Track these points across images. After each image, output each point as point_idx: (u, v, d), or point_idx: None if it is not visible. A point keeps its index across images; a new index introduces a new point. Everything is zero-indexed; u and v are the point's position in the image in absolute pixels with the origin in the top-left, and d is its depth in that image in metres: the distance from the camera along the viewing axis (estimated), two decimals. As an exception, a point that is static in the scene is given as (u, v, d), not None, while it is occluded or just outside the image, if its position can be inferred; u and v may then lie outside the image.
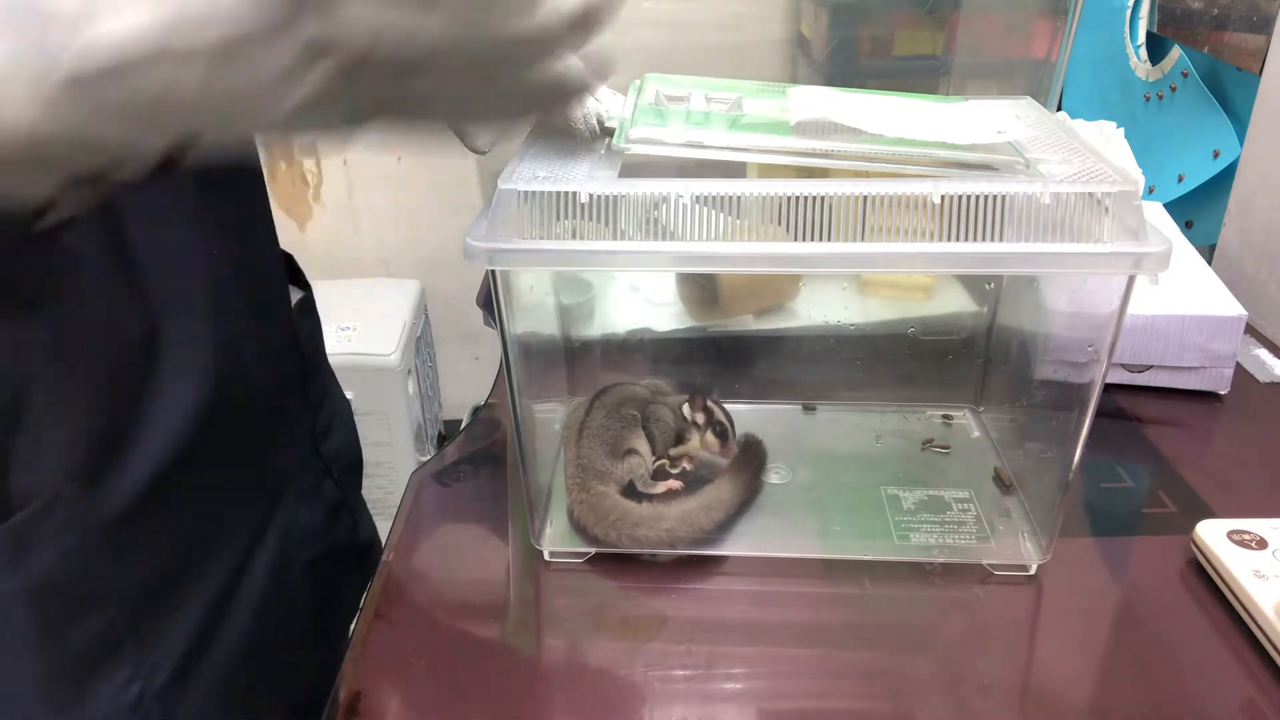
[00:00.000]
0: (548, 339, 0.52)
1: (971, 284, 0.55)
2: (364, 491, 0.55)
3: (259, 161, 0.43)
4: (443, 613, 0.42)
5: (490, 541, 0.47)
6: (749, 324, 0.58)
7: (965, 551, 0.43)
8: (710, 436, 0.47)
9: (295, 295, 0.48)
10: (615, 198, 0.35)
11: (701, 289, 0.58)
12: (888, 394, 0.54)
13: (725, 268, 0.46)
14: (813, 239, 0.34)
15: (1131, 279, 0.34)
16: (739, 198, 0.34)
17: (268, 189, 0.44)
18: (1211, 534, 0.41)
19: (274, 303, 0.45)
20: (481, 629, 0.41)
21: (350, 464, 0.53)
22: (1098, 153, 0.37)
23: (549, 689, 0.38)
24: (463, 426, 0.72)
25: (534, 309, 0.47)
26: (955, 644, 0.39)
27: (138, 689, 0.37)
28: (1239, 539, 0.41)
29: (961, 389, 0.54)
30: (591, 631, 0.41)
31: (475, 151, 0.31)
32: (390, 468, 1.22)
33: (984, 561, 0.43)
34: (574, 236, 0.35)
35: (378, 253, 1.43)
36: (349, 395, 1.47)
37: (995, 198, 0.33)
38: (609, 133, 0.38)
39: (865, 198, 0.33)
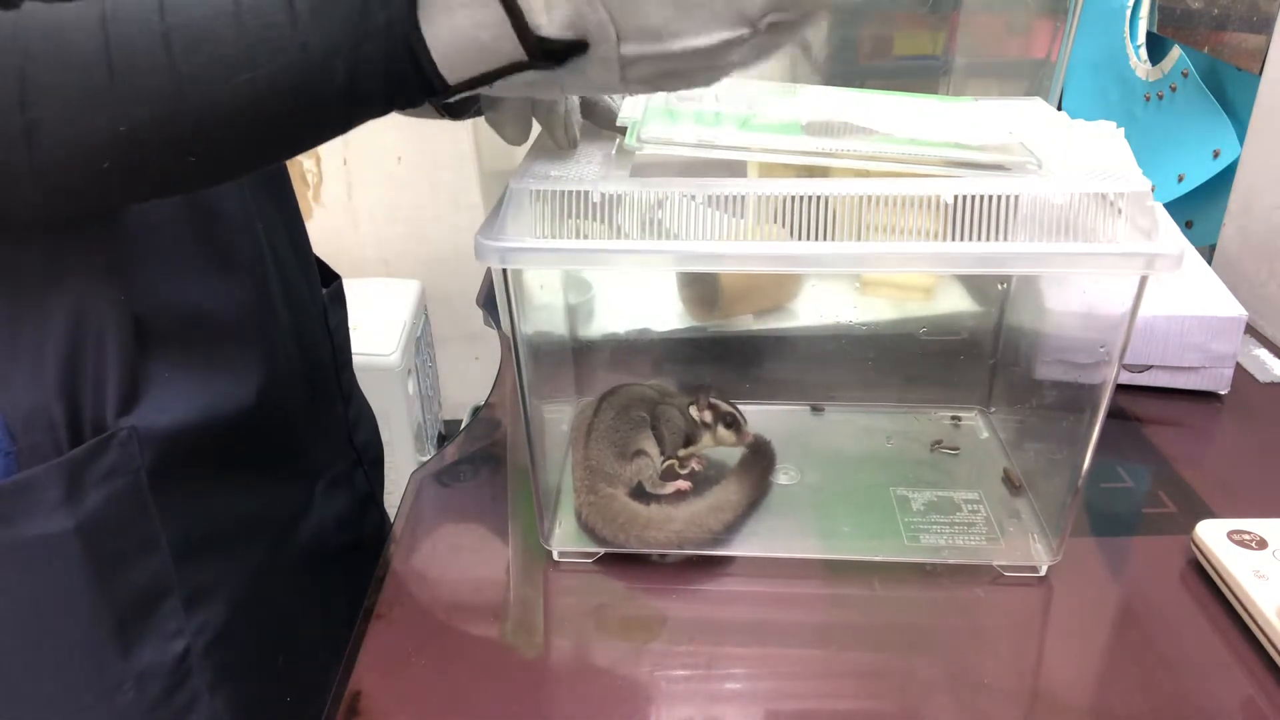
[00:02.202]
0: (555, 339, 0.52)
1: (973, 284, 0.55)
2: (382, 466, 0.56)
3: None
4: (443, 613, 0.42)
5: (491, 541, 0.47)
6: (749, 324, 0.58)
7: (975, 553, 0.44)
8: (723, 430, 0.47)
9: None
10: (630, 197, 0.34)
11: (703, 289, 0.58)
12: (896, 395, 0.54)
13: (740, 268, 0.46)
14: (815, 239, 0.34)
15: (1144, 279, 0.34)
16: (744, 198, 0.34)
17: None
18: (1211, 534, 0.42)
19: (305, 284, 0.46)
20: (483, 629, 0.41)
21: (376, 459, 0.54)
22: (1107, 153, 0.37)
23: (555, 689, 0.38)
24: (463, 426, 0.72)
25: (542, 309, 0.47)
26: (966, 646, 0.39)
27: (183, 645, 0.38)
28: (1239, 539, 0.41)
29: (970, 390, 0.54)
30: (600, 632, 0.41)
31: (508, 141, 0.35)
32: (390, 468, 1.22)
33: (994, 563, 0.43)
34: (579, 236, 0.35)
35: (378, 253, 1.43)
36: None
37: (1007, 198, 0.33)
38: (620, 131, 0.38)
39: (866, 198, 0.33)
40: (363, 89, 0.27)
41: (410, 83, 0.28)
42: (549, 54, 0.27)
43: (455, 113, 0.31)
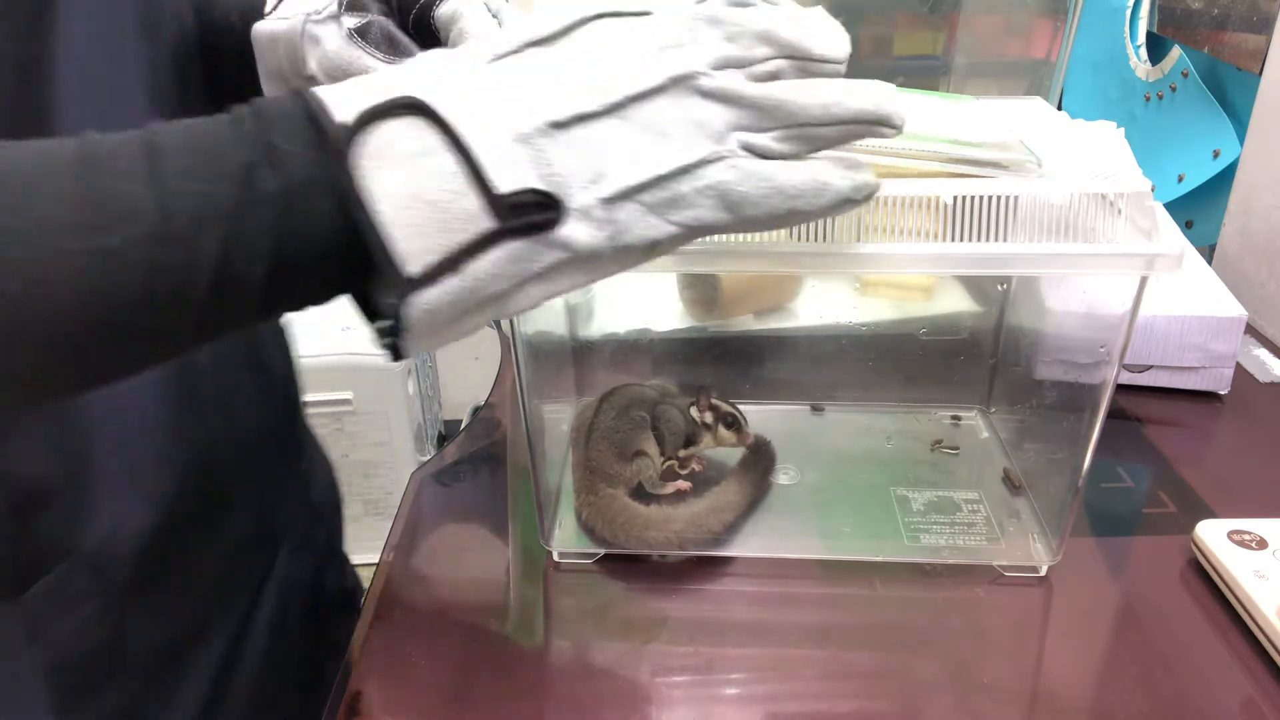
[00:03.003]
0: (555, 339, 0.51)
1: (973, 284, 0.55)
2: (364, 492, 0.55)
3: None
4: (443, 613, 0.42)
5: (491, 542, 0.47)
6: (749, 324, 0.58)
7: (975, 553, 0.44)
8: (723, 431, 0.47)
9: None
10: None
11: (703, 289, 0.58)
12: (896, 395, 0.54)
13: (740, 268, 0.46)
14: (815, 239, 0.34)
15: (1144, 279, 0.34)
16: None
17: None
18: (1211, 534, 0.42)
19: (264, 337, 0.43)
20: (483, 629, 0.41)
21: (334, 509, 0.52)
22: (1107, 153, 0.37)
23: (555, 689, 0.38)
24: (463, 426, 0.72)
25: (542, 309, 0.47)
26: (966, 646, 0.39)
27: None
28: (1239, 539, 0.41)
29: (970, 390, 0.54)
30: (600, 632, 0.41)
31: None
32: (390, 468, 1.22)
33: (994, 563, 0.43)
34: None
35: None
36: (348, 395, 1.46)
37: (1007, 198, 0.33)
38: None
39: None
40: (238, 277, 0.21)
41: (331, 268, 0.22)
42: (519, 212, 0.22)
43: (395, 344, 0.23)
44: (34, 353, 0.20)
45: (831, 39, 0.25)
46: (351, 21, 0.35)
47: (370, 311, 0.23)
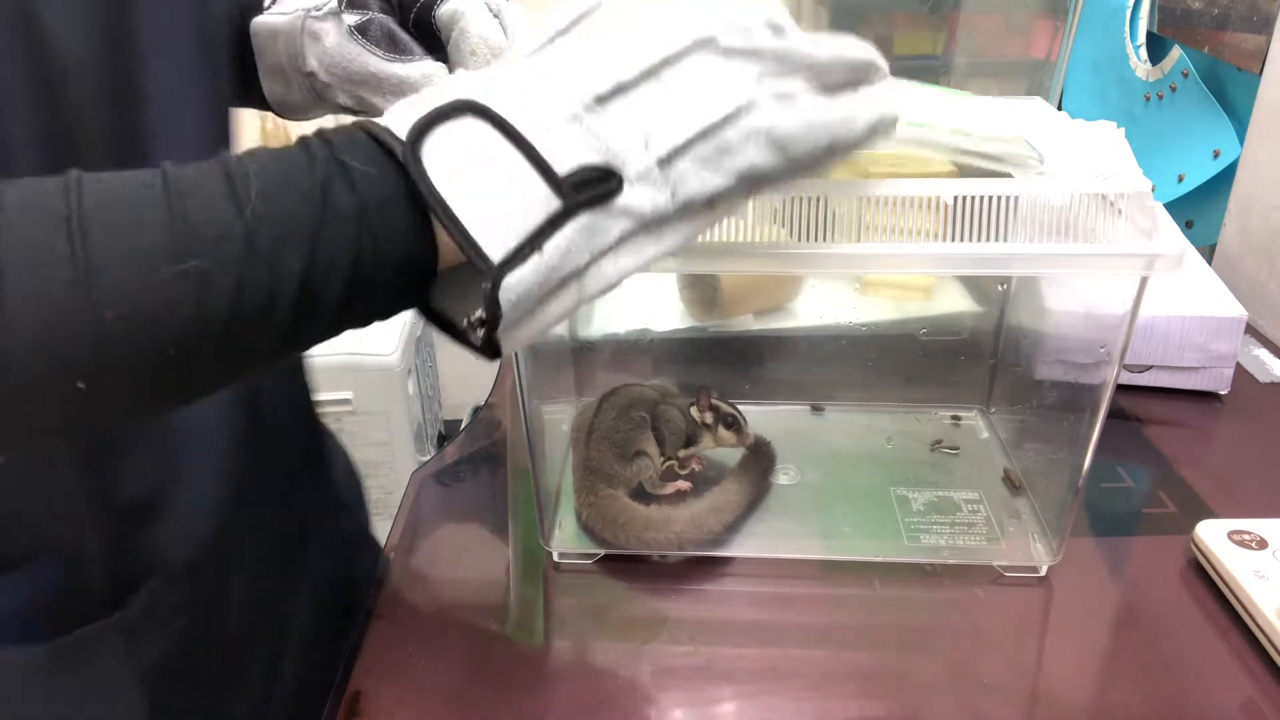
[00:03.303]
0: (555, 339, 0.51)
1: (973, 284, 0.55)
2: (363, 492, 0.54)
3: None
4: (443, 612, 0.42)
5: (490, 542, 0.47)
6: (749, 324, 0.58)
7: (975, 553, 0.44)
8: (723, 431, 0.47)
9: None
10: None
11: (703, 289, 0.58)
12: (896, 395, 0.54)
13: (740, 268, 0.46)
14: (815, 239, 0.34)
15: (1144, 279, 0.34)
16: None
17: None
18: (1212, 534, 0.42)
19: None
20: (483, 629, 0.41)
21: (356, 494, 0.52)
22: (1108, 153, 0.37)
23: (555, 689, 0.38)
24: (463, 426, 0.72)
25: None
26: (966, 646, 0.39)
27: None
28: (1239, 539, 0.41)
29: (970, 390, 0.54)
30: (600, 632, 0.41)
31: None
32: (390, 468, 1.22)
33: (995, 563, 0.43)
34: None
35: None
36: (348, 395, 1.45)
37: (1007, 198, 0.33)
38: None
39: (866, 198, 0.33)
40: (318, 292, 0.22)
41: (405, 279, 0.23)
42: (582, 189, 0.23)
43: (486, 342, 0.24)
44: (130, 374, 0.21)
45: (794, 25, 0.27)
46: (352, 18, 0.35)
47: (441, 322, 0.25)
